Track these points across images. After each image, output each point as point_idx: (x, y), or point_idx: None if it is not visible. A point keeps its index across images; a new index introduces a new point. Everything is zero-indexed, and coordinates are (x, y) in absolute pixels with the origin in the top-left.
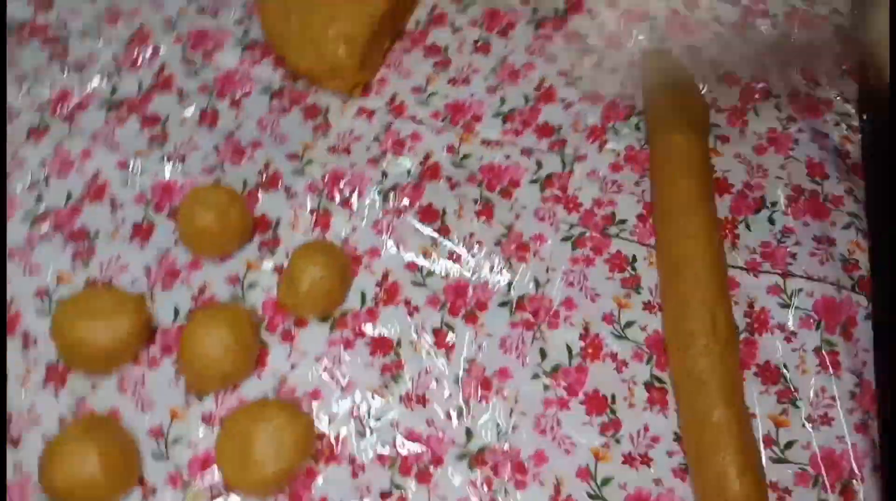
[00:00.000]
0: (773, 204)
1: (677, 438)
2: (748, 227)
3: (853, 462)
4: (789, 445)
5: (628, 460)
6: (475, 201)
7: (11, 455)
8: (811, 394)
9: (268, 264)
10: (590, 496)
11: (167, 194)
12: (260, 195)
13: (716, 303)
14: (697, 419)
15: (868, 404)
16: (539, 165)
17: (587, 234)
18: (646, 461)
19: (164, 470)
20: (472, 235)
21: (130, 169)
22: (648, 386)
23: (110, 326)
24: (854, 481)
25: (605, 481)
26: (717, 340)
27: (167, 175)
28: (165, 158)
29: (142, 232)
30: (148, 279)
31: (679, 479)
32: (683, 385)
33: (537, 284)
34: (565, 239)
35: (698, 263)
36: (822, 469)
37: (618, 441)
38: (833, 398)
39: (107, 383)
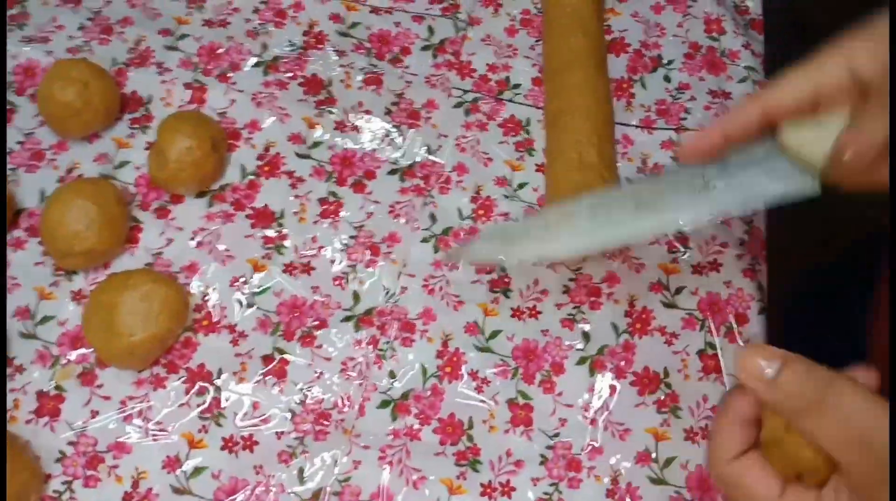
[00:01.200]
0: (670, 62)
1: (566, 290)
2: (644, 85)
3: (738, 305)
4: (679, 291)
5: (517, 313)
6: (363, 70)
7: None
8: (701, 242)
9: (140, 142)
10: (478, 348)
11: (29, 75)
12: (130, 73)
13: (586, 145)
14: None
15: (757, 250)
16: (431, 31)
17: (481, 99)
18: (534, 313)
19: (32, 349)
20: (360, 104)
21: None
22: None
23: None
24: (737, 324)
25: (494, 334)
26: (584, 177)
27: (28, 57)
28: (26, 40)
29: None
30: (12, 162)
31: (567, 327)
32: None
33: (429, 150)
34: (458, 105)
35: (576, 112)
36: (709, 313)
37: (507, 296)
38: (723, 244)
39: None
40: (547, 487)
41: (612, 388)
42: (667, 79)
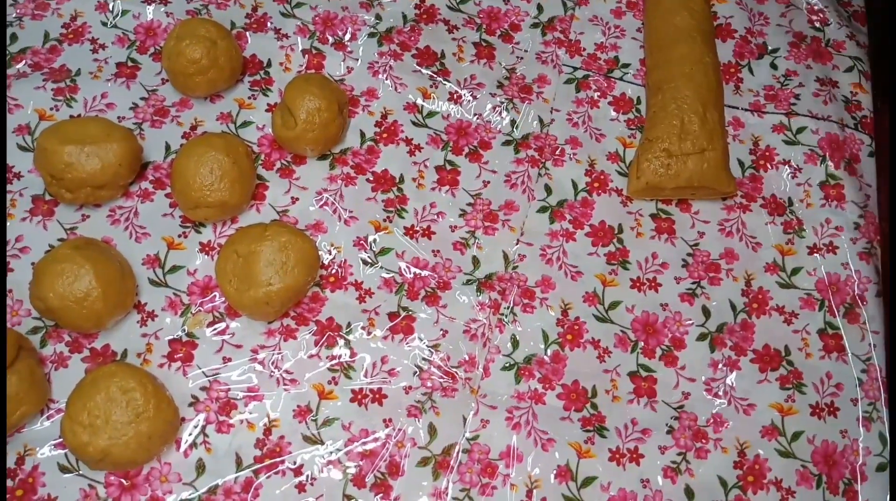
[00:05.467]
0: (775, 50)
1: (685, 264)
2: (751, 71)
3: (856, 287)
4: (796, 271)
5: (636, 284)
6: (475, 45)
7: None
8: (816, 225)
9: (261, 103)
10: (597, 318)
11: (151, 35)
12: (248, 36)
13: (688, 112)
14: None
15: (871, 233)
16: (540, 8)
17: (591, 76)
18: (654, 286)
19: (162, 296)
20: (472, 77)
21: (111, 10)
22: (654, 218)
23: (99, 151)
24: (858, 305)
25: (613, 305)
26: (682, 148)
27: (150, 17)
28: (147, 1)
29: (126, 72)
30: (136, 117)
31: (687, 303)
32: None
33: (542, 123)
34: (569, 81)
35: (679, 80)
36: (829, 293)
37: (626, 268)
38: (837, 228)
39: (97, 214)
40: (675, 456)
41: (734, 363)
42: (773, 66)
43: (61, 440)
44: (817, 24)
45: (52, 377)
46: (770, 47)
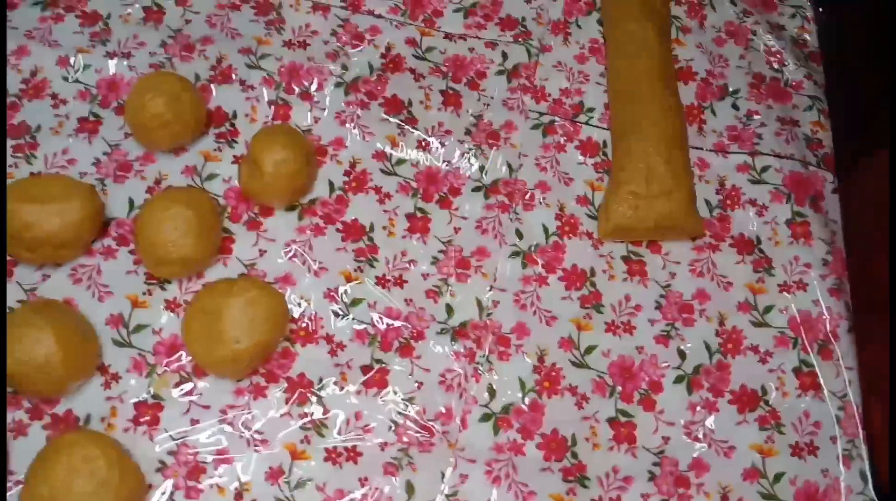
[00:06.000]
0: (736, 91)
1: (658, 305)
2: (714, 112)
3: (828, 323)
4: (768, 309)
5: (611, 327)
6: (441, 92)
7: None
8: (785, 262)
9: (227, 155)
10: (574, 364)
11: (113, 89)
12: (213, 88)
13: (653, 154)
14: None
15: (840, 269)
16: (504, 56)
17: (557, 121)
18: (628, 329)
19: (126, 357)
20: (440, 124)
21: (72, 65)
22: (625, 260)
23: (60, 210)
24: (830, 341)
25: (589, 349)
26: (649, 190)
27: (112, 71)
28: (109, 55)
29: (88, 127)
30: (98, 172)
31: (662, 345)
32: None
33: (510, 168)
34: (535, 127)
35: (644, 123)
36: (801, 330)
37: (599, 312)
38: (806, 265)
39: (58, 273)
40: None
41: (712, 405)
42: (735, 107)
43: None
44: (775, 66)
45: (11, 447)
46: (731, 89)
